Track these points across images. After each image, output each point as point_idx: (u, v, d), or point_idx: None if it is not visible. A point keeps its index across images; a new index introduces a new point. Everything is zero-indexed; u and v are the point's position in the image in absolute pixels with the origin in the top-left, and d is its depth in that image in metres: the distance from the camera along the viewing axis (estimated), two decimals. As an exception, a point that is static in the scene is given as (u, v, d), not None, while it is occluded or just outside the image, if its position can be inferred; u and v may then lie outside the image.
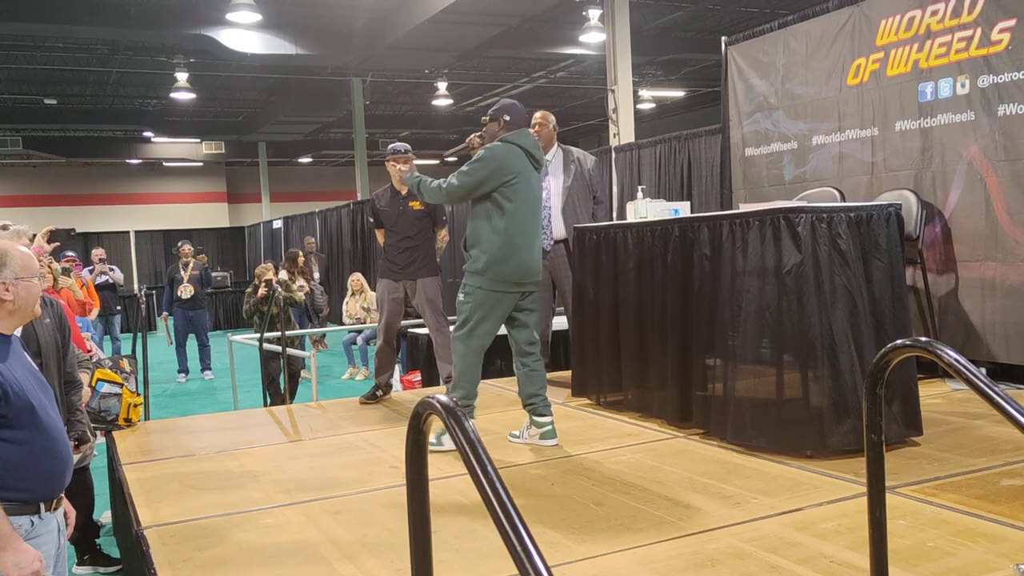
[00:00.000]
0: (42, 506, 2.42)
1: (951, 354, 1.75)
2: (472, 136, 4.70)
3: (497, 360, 7.30)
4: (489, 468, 1.19)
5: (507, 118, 4.32)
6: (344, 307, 11.71)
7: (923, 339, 1.83)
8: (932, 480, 3.34)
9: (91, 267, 12.09)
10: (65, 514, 2.60)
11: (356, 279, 11.64)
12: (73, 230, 4.15)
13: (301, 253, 12.47)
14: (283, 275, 10.67)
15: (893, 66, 5.57)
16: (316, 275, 12.44)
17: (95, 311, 8.97)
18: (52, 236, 4.13)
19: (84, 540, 4.58)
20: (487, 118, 4.44)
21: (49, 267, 6.30)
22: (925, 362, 4.53)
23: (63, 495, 2.58)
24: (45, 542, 2.41)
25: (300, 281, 11.20)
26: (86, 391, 4.39)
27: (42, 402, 2.42)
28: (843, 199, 5.62)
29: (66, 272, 7.28)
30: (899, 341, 1.90)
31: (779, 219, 3.81)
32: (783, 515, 3.06)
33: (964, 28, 5.13)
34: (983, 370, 4.04)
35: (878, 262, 3.91)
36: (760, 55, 6.67)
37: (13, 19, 12.44)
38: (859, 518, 2.83)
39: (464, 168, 4.25)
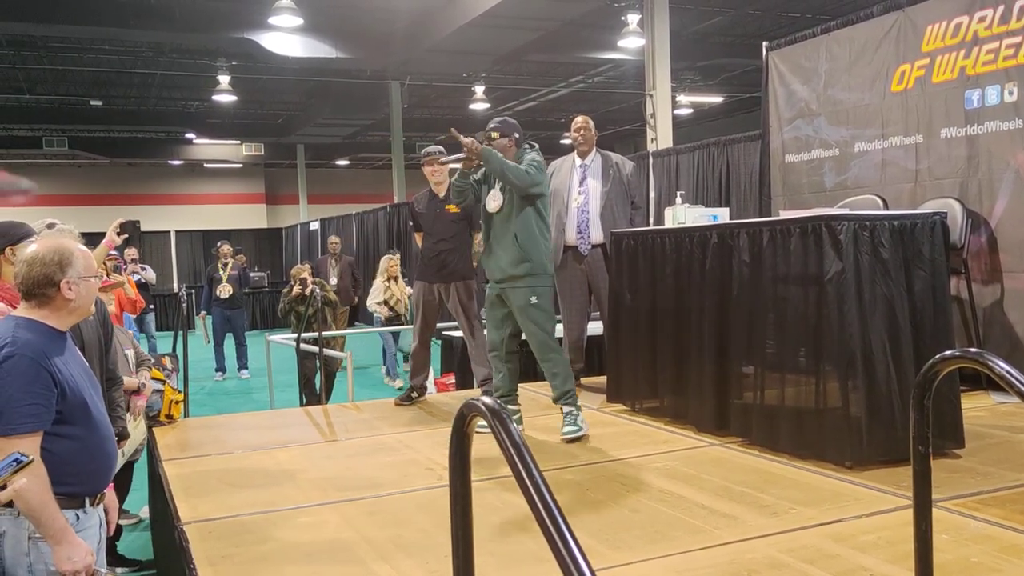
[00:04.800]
0: (87, 500, 2.46)
1: (1003, 366, 1.71)
2: (471, 141, 4.52)
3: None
4: (535, 472, 1.19)
5: (517, 136, 4.64)
6: (381, 292, 10.23)
7: (973, 350, 1.79)
8: (975, 494, 3.27)
9: (124, 266, 12.26)
10: (107, 509, 2.64)
11: (394, 263, 10.40)
12: (138, 223, 4.18)
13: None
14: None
15: (939, 73, 5.48)
16: (332, 280, 11.26)
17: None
18: (121, 229, 4.12)
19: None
20: (498, 134, 4.59)
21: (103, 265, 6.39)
22: (968, 373, 4.45)
23: (108, 490, 2.62)
24: (88, 536, 2.45)
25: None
26: (147, 386, 4.45)
27: (94, 399, 2.47)
28: (886, 207, 5.53)
29: (116, 270, 7.38)
30: (948, 352, 1.86)
31: (821, 227, 3.76)
32: (822, 526, 3.01)
33: (1013, 35, 5.03)
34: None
35: (920, 272, 3.84)
36: (802, 60, 6.59)
37: (61, 21, 12.71)
38: (900, 531, 2.79)
39: (532, 164, 4.46)
